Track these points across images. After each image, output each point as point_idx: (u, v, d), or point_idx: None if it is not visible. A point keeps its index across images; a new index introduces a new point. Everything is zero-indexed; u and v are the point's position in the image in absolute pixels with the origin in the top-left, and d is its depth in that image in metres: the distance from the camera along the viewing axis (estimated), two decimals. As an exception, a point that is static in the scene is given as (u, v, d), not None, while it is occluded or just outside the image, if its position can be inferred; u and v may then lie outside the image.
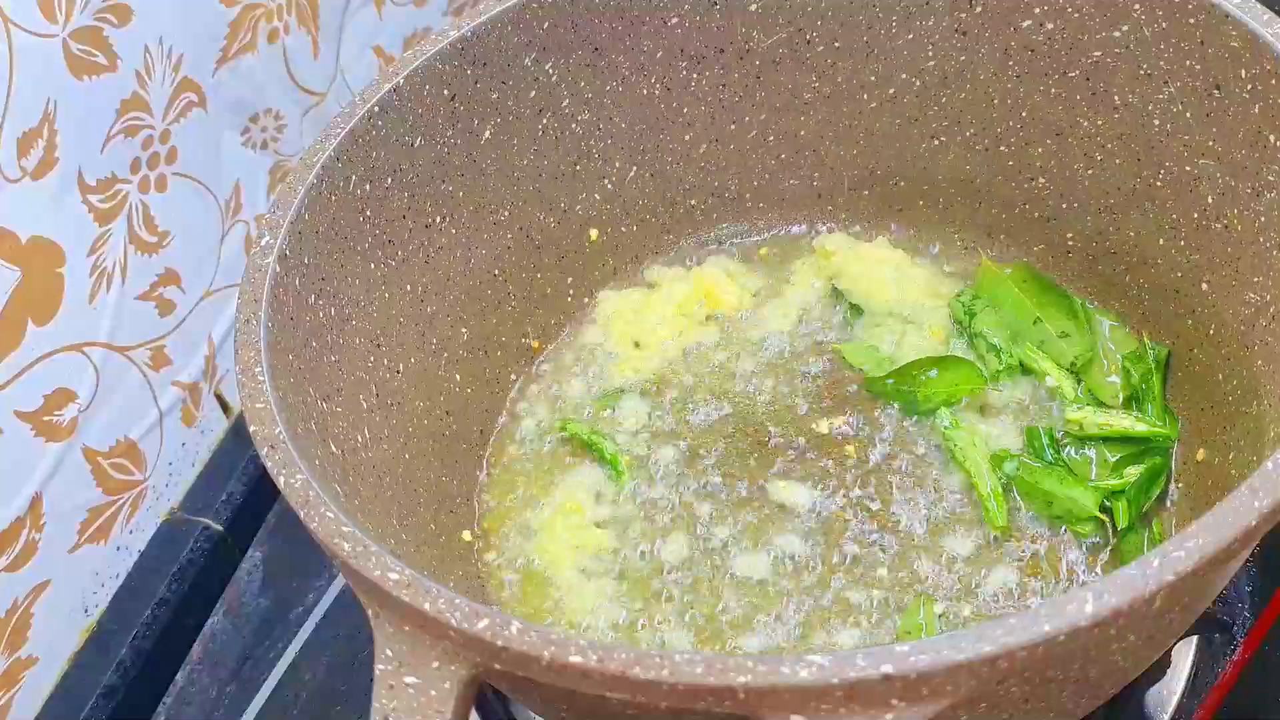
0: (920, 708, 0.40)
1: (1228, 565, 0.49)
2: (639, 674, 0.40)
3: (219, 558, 0.81)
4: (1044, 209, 0.72)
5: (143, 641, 0.77)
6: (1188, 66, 0.61)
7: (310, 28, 0.87)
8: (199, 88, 0.78)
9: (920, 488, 0.66)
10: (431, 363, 0.68)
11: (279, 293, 0.56)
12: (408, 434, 0.65)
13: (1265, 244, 0.59)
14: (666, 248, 0.79)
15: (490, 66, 0.66)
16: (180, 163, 0.77)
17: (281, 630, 0.76)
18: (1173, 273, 0.66)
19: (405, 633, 0.44)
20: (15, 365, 0.67)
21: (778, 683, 0.39)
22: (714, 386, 0.72)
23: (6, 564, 0.69)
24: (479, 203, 0.69)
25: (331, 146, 0.60)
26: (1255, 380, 0.59)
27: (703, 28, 0.70)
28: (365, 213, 0.63)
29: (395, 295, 0.65)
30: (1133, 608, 0.40)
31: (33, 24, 0.64)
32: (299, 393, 0.55)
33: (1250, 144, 0.59)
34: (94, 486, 0.75)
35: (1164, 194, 0.65)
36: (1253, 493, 0.42)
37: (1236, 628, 0.65)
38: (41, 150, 0.66)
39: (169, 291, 0.79)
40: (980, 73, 0.69)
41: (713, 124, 0.74)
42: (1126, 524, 0.62)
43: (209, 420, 0.85)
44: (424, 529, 0.64)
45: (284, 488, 0.48)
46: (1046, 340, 0.70)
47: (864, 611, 0.61)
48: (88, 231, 0.71)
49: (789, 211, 0.79)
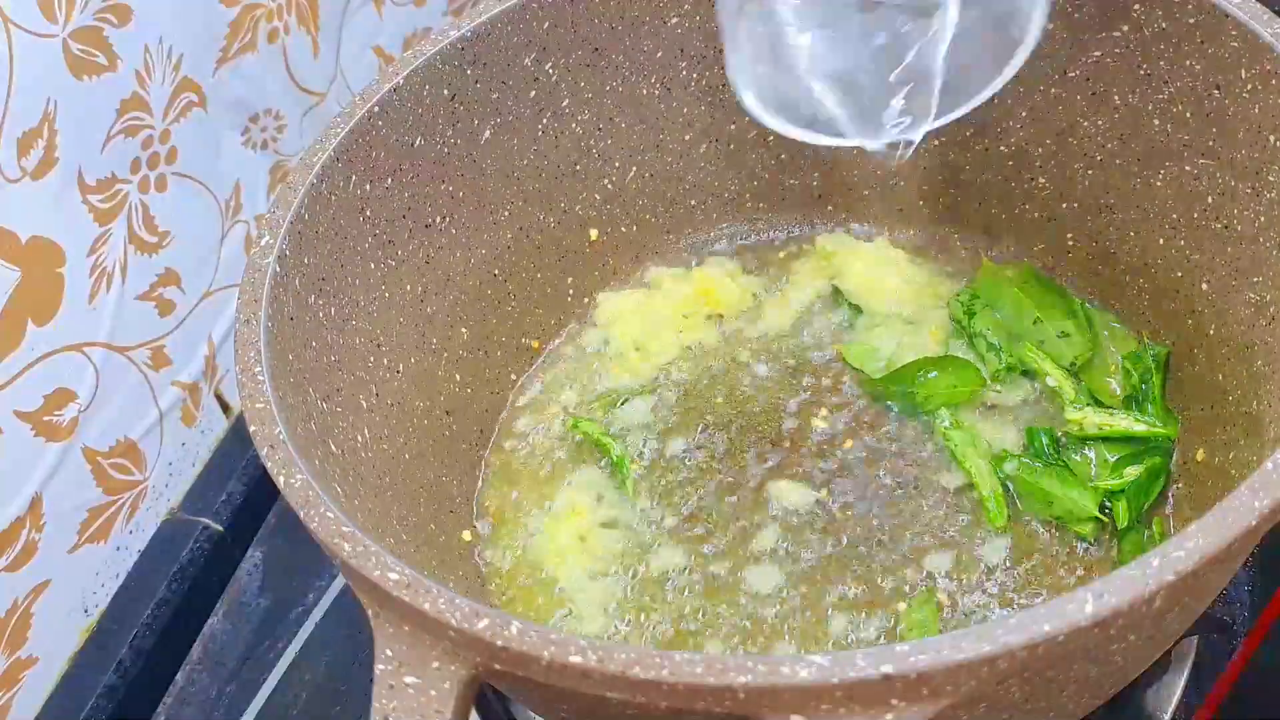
0: (920, 708, 0.40)
1: (1228, 565, 0.49)
2: (639, 674, 0.40)
3: (219, 558, 0.81)
4: (1044, 209, 0.72)
5: (143, 641, 0.77)
6: (1188, 66, 0.61)
7: (310, 28, 0.87)
8: (199, 88, 0.78)
9: (921, 488, 0.66)
10: (431, 363, 0.68)
11: (279, 293, 0.56)
12: (408, 434, 0.65)
13: (1265, 244, 0.59)
14: (666, 248, 0.79)
15: (490, 66, 0.66)
16: (180, 163, 0.77)
17: (281, 630, 0.76)
18: (1173, 273, 0.66)
19: (405, 633, 0.44)
20: (15, 365, 0.67)
21: (778, 683, 0.39)
22: (713, 387, 0.72)
23: (6, 564, 0.69)
24: (479, 203, 0.69)
25: (331, 146, 0.60)
26: (1255, 380, 0.59)
27: (703, 28, 0.70)
28: (365, 213, 0.63)
29: (395, 295, 0.65)
30: (1133, 608, 0.40)
31: (33, 24, 0.64)
32: (299, 393, 0.55)
33: (1250, 144, 0.59)
34: (94, 486, 0.75)
35: (1164, 194, 0.65)
36: (1253, 493, 0.42)
37: (1236, 628, 0.65)
38: (41, 150, 0.66)
39: (169, 291, 0.79)
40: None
41: (713, 124, 0.75)
42: (1126, 524, 0.62)
43: (209, 420, 0.85)
44: (424, 529, 0.64)
45: (284, 488, 0.48)
46: (1046, 340, 0.70)
47: (865, 610, 0.61)
48: (88, 231, 0.71)
49: (789, 211, 0.79)
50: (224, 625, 0.77)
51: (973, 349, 0.71)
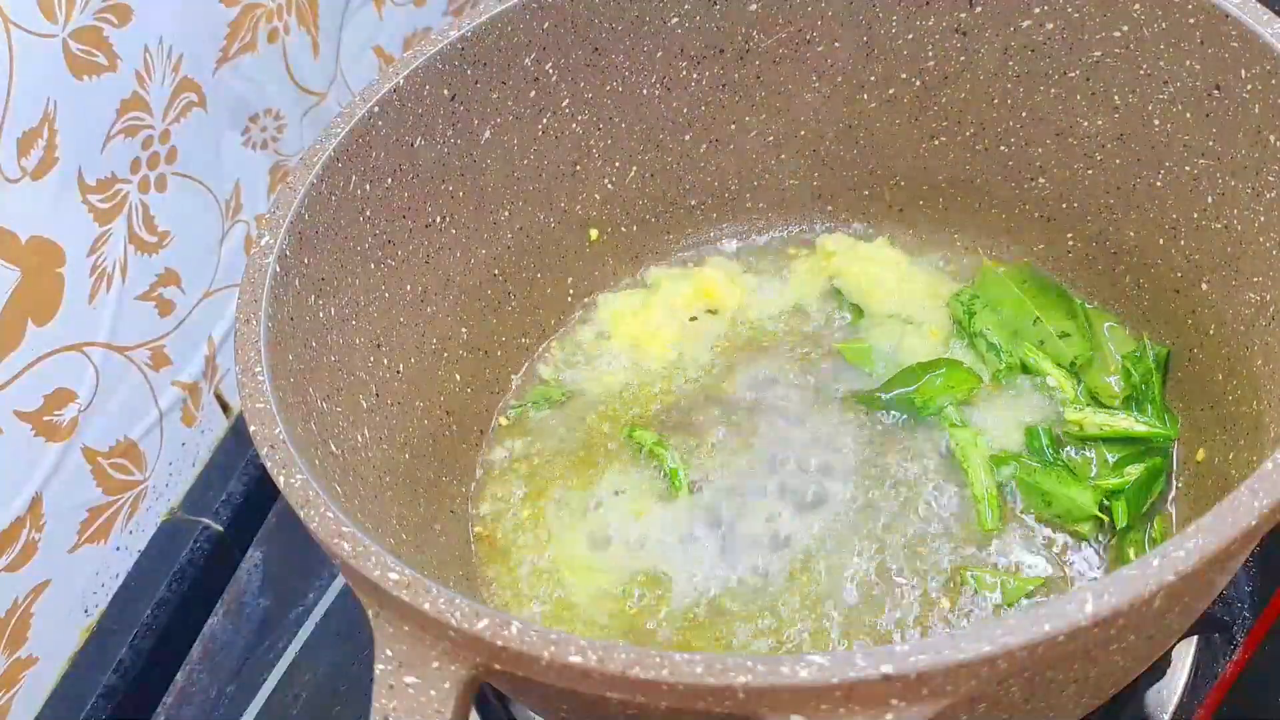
0: (920, 708, 0.40)
1: (1228, 565, 0.49)
2: (639, 674, 0.40)
3: (219, 558, 0.81)
4: (1044, 209, 0.72)
5: (143, 641, 0.77)
6: (1188, 66, 0.61)
7: (310, 28, 0.87)
8: (199, 88, 0.78)
9: (921, 488, 0.66)
10: (431, 363, 0.68)
11: (279, 293, 0.56)
12: (408, 434, 0.65)
13: (1265, 244, 0.59)
14: (666, 248, 0.79)
15: (490, 66, 0.66)
16: (180, 163, 0.77)
17: (281, 630, 0.76)
18: (1173, 273, 0.66)
19: (405, 633, 0.44)
20: (15, 365, 0.67)
21: (778, 683, 0.39)
22: (713, 387, 0.72)
23: (6, 564, 0.69)
24: (479, 203, 0.69)
25: (332, 146, 0.60)
26: (1255, 380, 0.59)
27: (703, 28, 0.70)
28: (365, 213, 0.63)
29: (395, 295, 0.65)
30: (1133, 608, 0.40)
31: (33, 24, 0.64)
32: (299, 393, 0.55)
33: (1250, 144, 0.59)
34: (94, 486, 0.75)
35: (1164, 194, 0.65)
36: (1253, 493, 0.42)
37: (1236, 628, 0.65)
38: (41, 150, 0.66)
39: (169, 291, 0.79)
40: (980, 73, 0.70)
41: (713, 124, 0.74)
42: (1126, 524, 0.62)
43: (209, 420, 0.85)
44: (424, 529, 0.64)
45: (284, 488, 0.48)
46: (1046, 340, 0.70)
47: (868, 609, 0.61)
48: (88, 231, 0.71)
49: (789, 211, 0.79)
50: (224, 625, 0.77)
51: (973, 349, 0.71)
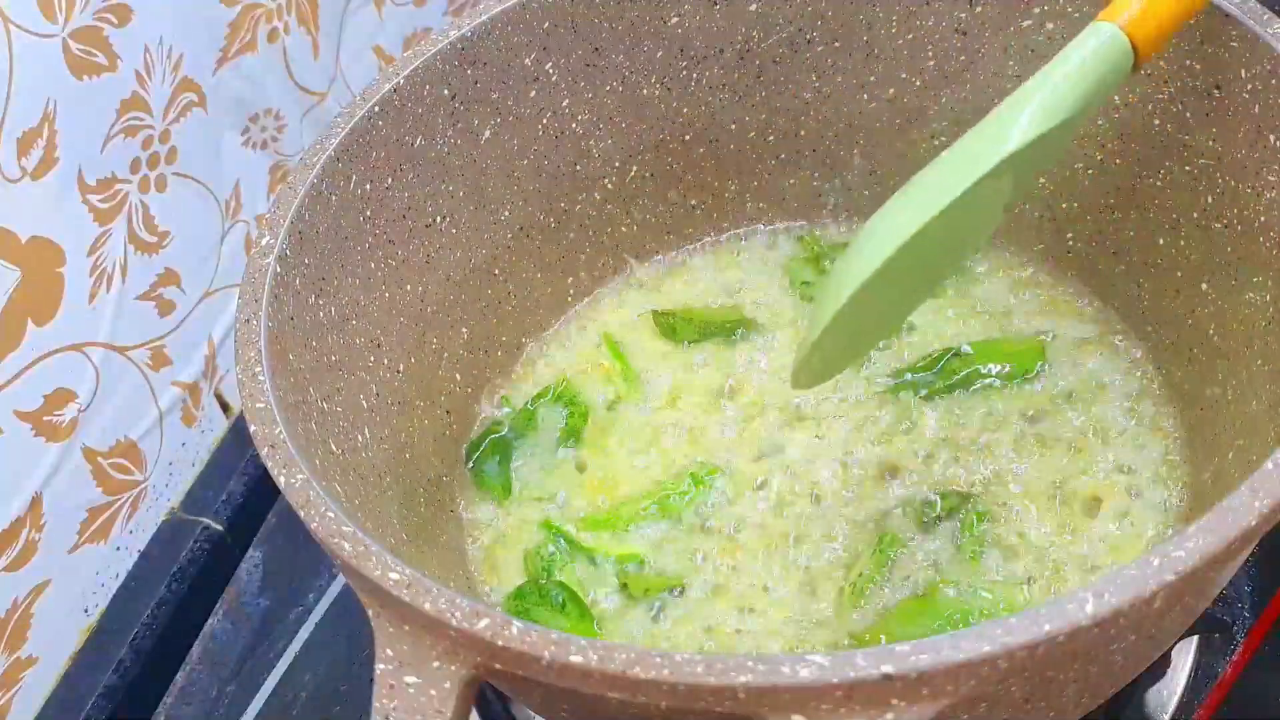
0: (920, 707, 0.40)
1: (1228, 565, 0.49)
2: (639, 674, 0.40)
3: (219, 558, 0.81)
4: (1044, 209, 0.72)
5: (143, 641, 0.77)
6: (1188, 66, 0.61)
7: (310, 28, 0.87)
8: (199, 88, 0.78)
9: (923, 487, 0.66)
10: (431, 363, 0.68)
11: (279, 293, 0.56)
12: (408, 434, 0.65)
13: (1265, 244, 0.59)
14: (667, 248, 0.79)
15: (490, 66, 0.66)
16: (180, 163, 0.77)
17: (281, 630, 0.76)
18: (1173, 273, 0.66)
19: (405, 633, 0.44)
20: (15, 365, 0.67)
21: (778, 683, 0.39)
22: (713, 387, 0.72)
23: (6, 564, 0.69)
24: (479, 203, 0.69)
25: (332, 146, 0.60)
26: (1255, 380, 0.59)
27: (703, 28, 0.70)
28: (365, 213, 0.63)
29: (395, 295, 0.65)
30: (1133, 608, 0.40)
31: (33, 24, 0.64)
32: (299, 393, 0.55)
33: (1250, 144, 0.59)
34: (94, 486, 0.75)
35: (1164, 194, 0.65)
36: (1253, 493, 0.42)
37: (1236, 628, 0.65)
38: (41, 150, 0.67)
39: (169, 291, 0.79)
40: (980, 73, 0.69)
41: (713, 124, 0.74)
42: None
43: (209, 420, 0.85)
44: (424, 530, 0.64)
45: (284, 488, 0.48)
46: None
47: (875, 598, 0.61)
48: (88, 231, 0.71)
49: (789, 211, 0.79)
50: (224, 625, 0.77)
51: None
